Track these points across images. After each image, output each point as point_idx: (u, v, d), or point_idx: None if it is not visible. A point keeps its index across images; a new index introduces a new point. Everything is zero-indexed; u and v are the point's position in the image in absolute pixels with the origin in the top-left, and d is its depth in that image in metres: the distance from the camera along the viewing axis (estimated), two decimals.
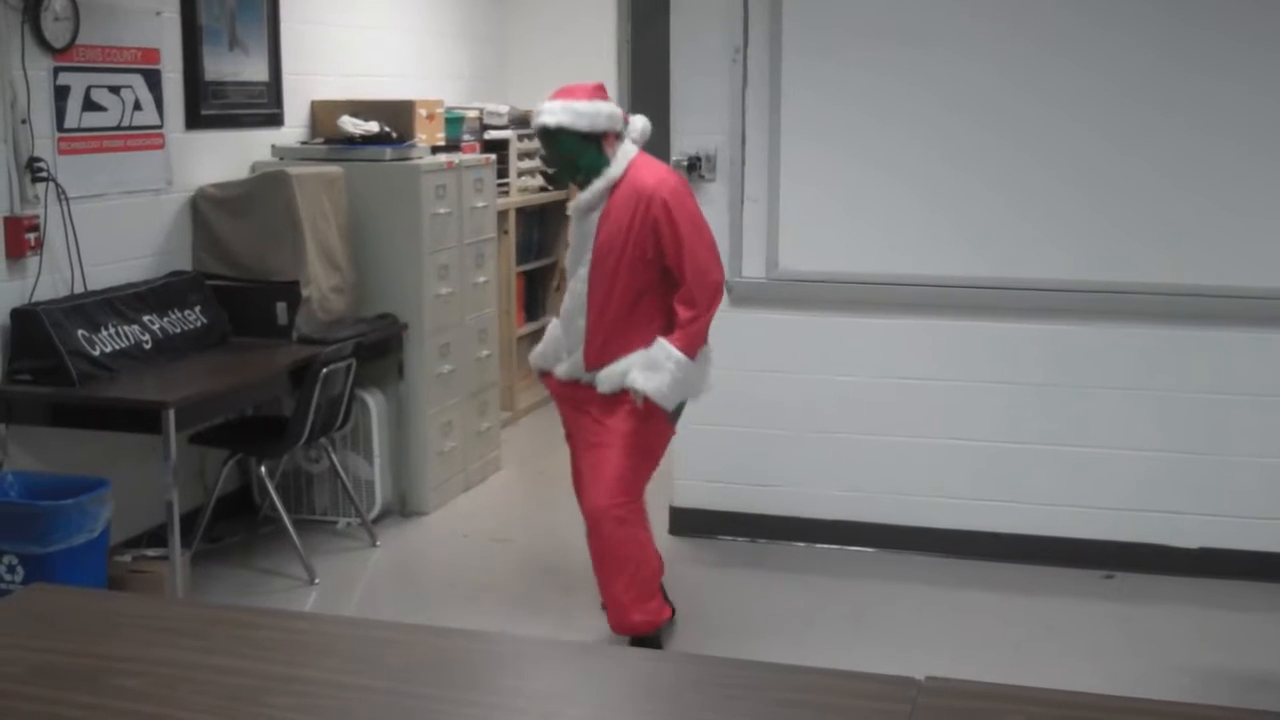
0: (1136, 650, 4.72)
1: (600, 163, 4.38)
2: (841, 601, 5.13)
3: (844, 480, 5.58)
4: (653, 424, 4.43)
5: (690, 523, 5.74)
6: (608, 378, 4.42)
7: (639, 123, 4.47)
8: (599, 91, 4.42)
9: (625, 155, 4.39)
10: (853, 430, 5.55)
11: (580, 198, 4.45)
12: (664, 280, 4.39)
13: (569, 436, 4.70)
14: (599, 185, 4.38)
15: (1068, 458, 5.38)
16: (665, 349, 4.32)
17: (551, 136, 4.39)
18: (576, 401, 4.57)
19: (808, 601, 5.13)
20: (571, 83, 4.47)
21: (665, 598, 4.67)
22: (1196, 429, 5.27)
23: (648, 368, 4.33)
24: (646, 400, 4.32)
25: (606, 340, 4.42)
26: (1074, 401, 5.35)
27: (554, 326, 4.66)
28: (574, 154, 4.39)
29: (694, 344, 4.35)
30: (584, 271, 4.44)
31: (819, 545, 5.63)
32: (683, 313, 4.32)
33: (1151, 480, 5.32)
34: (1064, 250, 5.25)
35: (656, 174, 4.36)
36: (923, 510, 5.53)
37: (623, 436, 4.41)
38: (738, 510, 5.70)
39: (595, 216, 4.41)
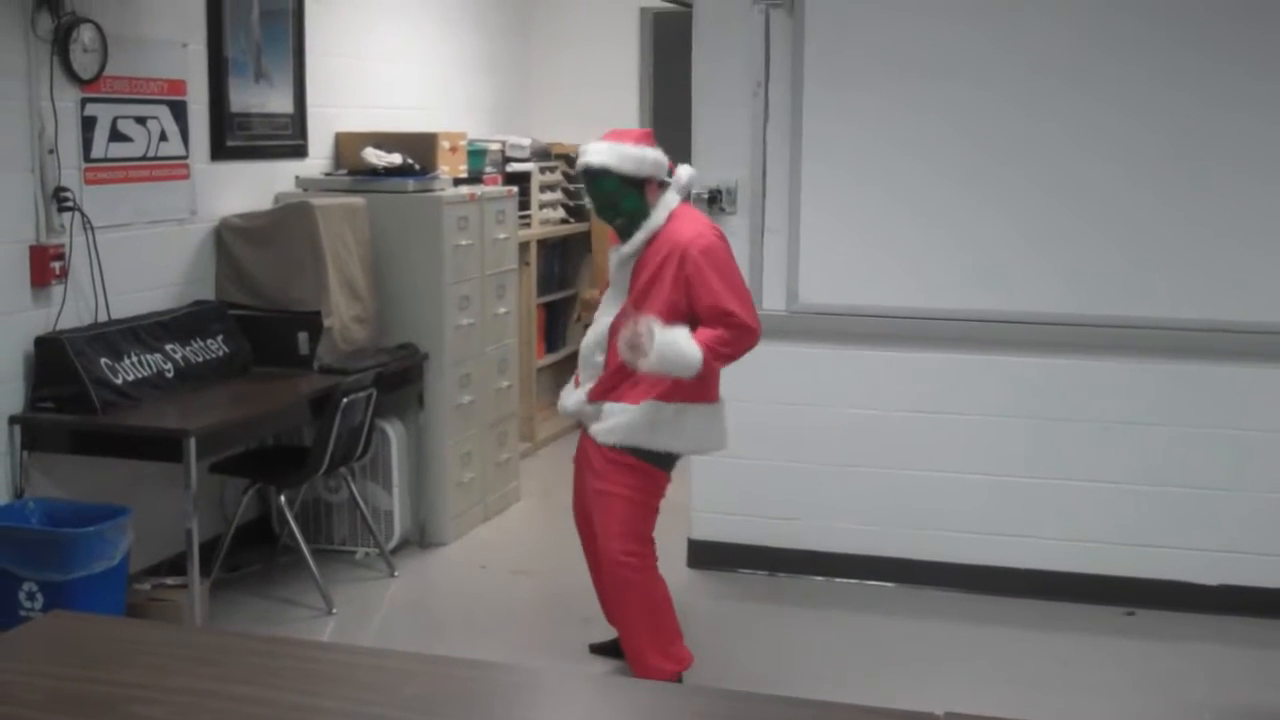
0: (1156, 687, 4.69)
1: (641, 208, 4.35)
2: (861, 636, 5.11)
3: (863, 514, 5.57)
4: (643, 475, 4.39)
5: (708, 556, 5.73)
6: (603, 426, 4.39)
7: (684, 173, 4.45)
8: (646, 138, 4.42)
9: (667, 205, 4.36)
10: (872, 464, 5.55)
11: (621, 250, 4.44)
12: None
13: (577, 462, 4.70)
14: (640, 237, 4.36)
15: (1086, 493, 5.36)
16: (689, 340, 4.19)
17: (594, 177, 4.36)
18: (583, 445, 4.58)
19: (827, 636, 5.12)
20: (611, 125, 4.50)
21: None
22: (1215, 464, 5.25)
23: (668, 331, 4.20)
24: (635, 458, 4.32)
25: (619, 381, 4.39)
26: (1093, 436, 5.33)
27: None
28: (615, 196, 4.35)
29: (708, 355, 4.19)
30: (614, 312, 4.43)
31: (838, 579, 5.61)
32: (709, 338, 4.21)
33: (1170, 516, 5.30)
34: (1083, 285, 5.25)
35: (695, 227, 4.33)
36: (942, 545, 5.51)
37: (617, 489, 4.38)
38: (756, 543, 5.69)
39: (633, 264, 4.41)
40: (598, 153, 4.35)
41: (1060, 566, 5.41)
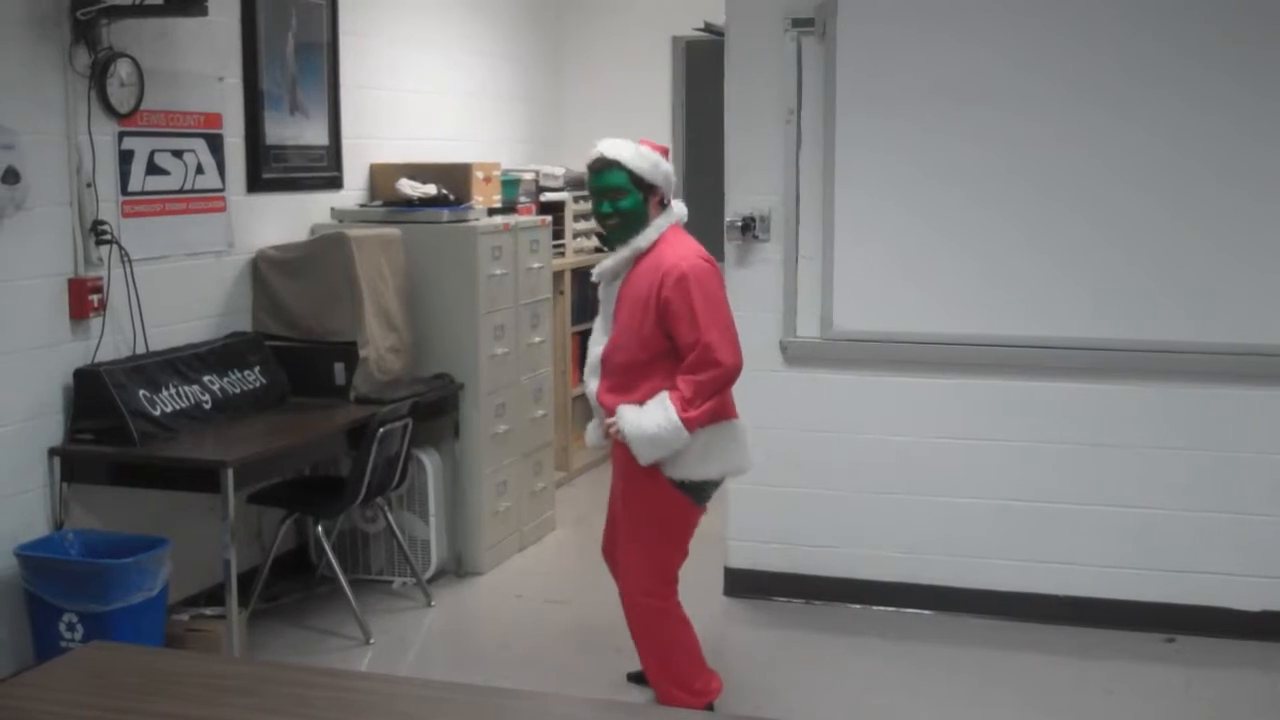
0: (1198, 715, 4.64)
1: (639, 213, 4.30)
2: (898, 665, 5.09)
3: (900, 541, 5.55)
4: (671, 508, 4.34)
5: (744, 584, 5.72)
6: (593, 433, 4.48)
7: (678, 207, 4.42)
8: (664, 154, 4.41)
9: (658, 227, 4.32)
10: (908, 491, 5.52)
11: (604, 265, 4.41)
12: (674, 355, 4.26)
13: (611, 499, 4.68)
14: (624, 254, 4.32)
15: (1125, 519, 5.32)
16: (665, 407, 4.16)
17: (606, 168, 4.32)
18: (614, 477, 4.56)
19: (863, 664, 5.09)
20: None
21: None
22: (1253, 489, 5.20)
23: (640, 413, 4.20)
24: (669, 484, 4.27)
25: (616, 404, 4.32)
26: (1130, 462, 5.30)
27: None
28: (619, 193, 4.30)
29: (695, 416, 4.15)
30: (603, 337, 4.41)
31: (875, 607, 5.58)
32: (684, 387, 4.16)
33: (1209, 541, 5.25)
34: (1118, 310, 5.22)
35: (680, 252, 4.25)
36: (979, 572, 5.48)
37: (644, 522, 4.36)
38: (792, 571, 5.67)
39: (618, 285, 4.38)
40: (614, 146, 4.33)
41: (1098, 593, 5.37)
